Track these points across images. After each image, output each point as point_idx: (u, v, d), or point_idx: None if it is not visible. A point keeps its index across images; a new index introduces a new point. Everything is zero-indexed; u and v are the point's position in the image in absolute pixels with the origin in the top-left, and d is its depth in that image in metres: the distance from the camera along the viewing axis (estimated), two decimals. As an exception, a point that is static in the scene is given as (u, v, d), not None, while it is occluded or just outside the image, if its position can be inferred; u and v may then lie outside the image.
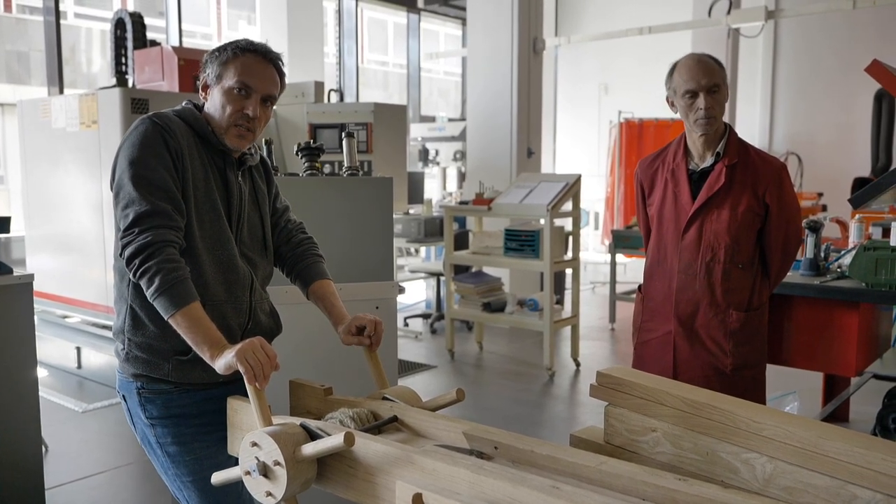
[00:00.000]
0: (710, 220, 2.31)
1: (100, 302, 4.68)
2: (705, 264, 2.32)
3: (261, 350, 1.51)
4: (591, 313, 7.22)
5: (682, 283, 2.35)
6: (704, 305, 2.33)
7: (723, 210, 2.29)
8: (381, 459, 1.37)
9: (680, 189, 2.36)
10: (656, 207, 2.42)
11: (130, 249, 1.56)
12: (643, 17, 9.60)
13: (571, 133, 12.62)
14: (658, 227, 2.42)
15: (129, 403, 1.74)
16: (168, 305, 1.54)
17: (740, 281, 2.32)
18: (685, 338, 2.36)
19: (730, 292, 2.32)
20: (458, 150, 9.40)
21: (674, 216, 2.37)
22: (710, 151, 2.34)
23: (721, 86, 2.27)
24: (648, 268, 2.49)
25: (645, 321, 2.50)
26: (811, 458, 1.26)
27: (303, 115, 5.32)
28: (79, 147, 4.71)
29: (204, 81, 1.74)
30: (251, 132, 1.72)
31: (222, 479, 1.59)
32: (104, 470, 3.54)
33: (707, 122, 2.27)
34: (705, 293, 2.32)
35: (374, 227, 2.70)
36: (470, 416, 4.12)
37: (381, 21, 13.24)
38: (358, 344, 1.81)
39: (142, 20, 5.21)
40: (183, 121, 1.71)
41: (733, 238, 2.29)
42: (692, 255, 2.33)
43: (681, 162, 2.37)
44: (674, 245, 2.37)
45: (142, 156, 1.61)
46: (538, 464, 1.35)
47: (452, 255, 5.56)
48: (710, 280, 2.32)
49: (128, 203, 1.59)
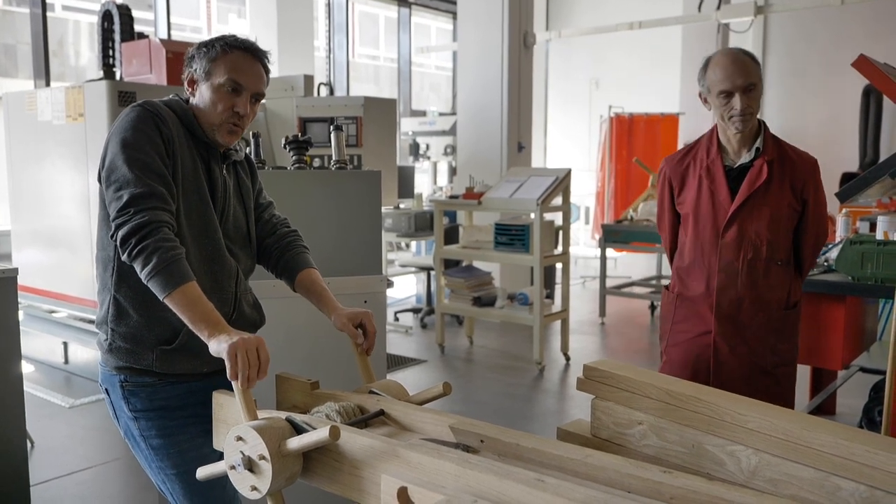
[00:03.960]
0: (751, 217, 2.26)
1: (87, 296, 4.65)
2: (747, 262, 2.27)
3: (255, 352, 1.48)
4: (582, 307, 7.23)
5: (722, 281, 2.30)
6: (747, 304, 2.28)
7: (764, 207, 2.25)
8: (367, 453, 1.36)
9: (717, 186, 2.29)
10: (690, 206, 2.36)
11: (125, 230, 1.53)
12: (634, 12, 9.60)
13: (562, 127, 12.63)
14: (694, 226, 2.35)
15: (112, 397, 1.73)
16: (165, 284, 1.51)
17: (780, 277, 2.30)
18: (726, 337, 2.31)
19: (771, 289, 2.29)
20: (448, 145, 9.39)
21: (711, 214, 2.30)
22: (747, 147, 2.29)
23: (757, 84, 2.22)
24: (682, 268, 2.41)
25: (677, 322, 2.41)
26: (795, 450, 1.27)
27: (292, 109, 5.29)
28: (65, 140, 4.67)
29: (191, 76, 1.73)
30: (240, 129, 1.74)
31: (207, 473, 1.58)
32: (90, 466, 3.52)
33: (743, 122, 2.22)
34: (748, 291, 2.28)
35: (363, 221, 2.69)
36: (460, 409, 4.12)
37: (373, 15, 13.20)
38: (353, 336, 1.79)
39: (129, 12, 5.17)
40: (172, 111, 1.70)
41: (774, 234, 2.26)
42: (733, 253, 2.28)
43: (716, 158, 2.31)
44: (712, 243, 2.31)
45: (136, 139, 1.59)
46: (524, 457, 1.35)
47: (442, 249, 5.56)
48: (753, 278, 2.27)
49: (122, 185, 1.56)
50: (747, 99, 2.20)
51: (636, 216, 6.80)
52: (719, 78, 2.21)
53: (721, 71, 2.21)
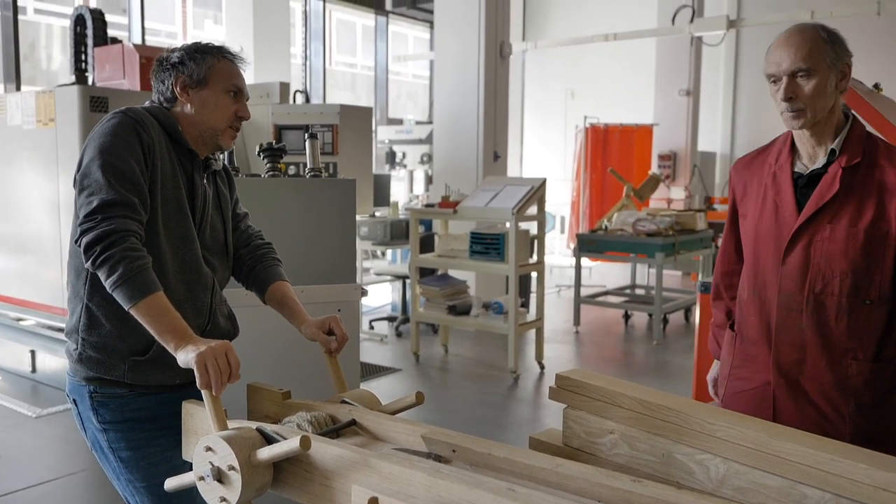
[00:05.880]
0: (820, 238, 1.76)
1: (56, 304, 4.57)
2: (814, 296, 1.77)
3: (224, 358, 1.47)
4: (557, 316, 7.26)
5: (782, 320, 1.81)
6: (813, 352, 1.78)
7: (838, 226, 1.75)
8: (338, 463, 1.35)
9: (782, 198, 1.82)
10: (751, 221, 1.89)
11: (90, 236, 1.50)
12: (609, 24, 9.72)
13: (539, 137, 12.72)
14: (754, 247, 1.88)
15: (80, 408, 1.70)
16: (130, 295, 1.49)
17: (866, 321, 1.75)
18: (788, 393, 1.81)
19: (850, 335, 1.76)
20: (425, 153, 9.40)
21: (774, 233, 1.82)
22: (824, 149, 1.80)
23: (814, 70, 1.71)
24: (742, 300, 1.93)
25: (736, 367, 1.94)
26: (763, 459, 1.28)
27: (268, 116, 5.27)
28: (35, 145, 4.60)
29: (183, 82, 1.71)
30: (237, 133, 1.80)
31: (175, 485, 1.56)
32: (57, 477, 3.45)
33: (793, 116, 1.75)
34: (814, 335, 1.77)
35: (337, 229, 2.69)
36: (434, 418, 4.11)
37: (350, 23, 13.20)
38: (324, 343, 1.79)
39: (102, 17, 5.11)
40: (154, 118, 1.68)
41: (852, 263, 1.74)
42: (796, 284, 1.79)
43: (785, 163, 1.85)
44: (773, 271, 1.82)
45: (113, 146, 1.58)
46: (496, 466, 1.35)
47: (418, 257, 5.55)
48: (822, 318, 1.77)
49: (94, 190, 1.54)
50: (795, 86, 1.73)
51: (611, 226, 6.86)
52: (768, 60, 1.78)
53: (773, 50, 1.77)
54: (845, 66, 1.76)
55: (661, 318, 6.32)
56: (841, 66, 1.75)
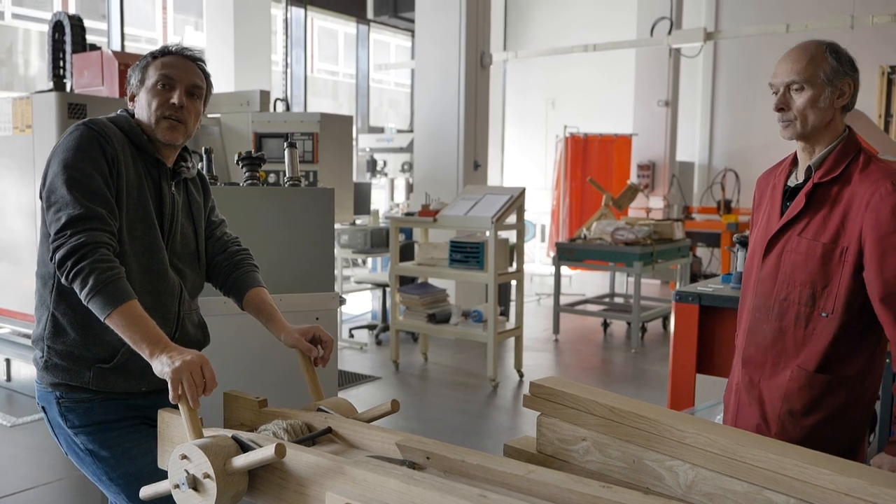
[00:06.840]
0: (789, 249, 1.86)
1: (31, 312, 4.51)
2: (779, 303, 1.86)
3: (199, 371, 1.47)
4: (536, 325, 7.30)
5: (753, 323, 1.93)
6: (772, 356, 1.88)
7: (803, 238, 1.82)
8: (313, 471, 1.36)
9: (773, 209, 1.93)
10: (753, 229, 2.03)
11: (62, 252, 1.52)
12: (589, 35, 9.82)
13: (520, 146, 12.79)
14: (750, 254, 2.01)
15: (49, 414, 1.70)
16: (105, 304, 1.49)
17: (820, 333, 1.81)
18: (748, 391, 1.93)
19: (803, 344, 1.83)
20: (406, 162, 9.43)
21: (760, 241, 1.94)
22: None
23: (807, 84, 1.77)
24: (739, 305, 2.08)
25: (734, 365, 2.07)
26: (730, 465, 1.31)
27: (248, 124, 5.26)
28: (11, 152, 4.55)
29: (131, 92, 1.75)
30: (182, 123, 1.71)
31: (151, 493, 1.56)
32: (33, 486, 3.41)
33: (783, 126, 1.84)
34: (774, 340, 1.87)
35: (316, 238, 2.69)
36: (413, 426, 4.12)
37: (332, 31, 13.21)
38: (306, 351, 1.78)
39: (81, 23, 5.08)
40: (118, 128, 1.69)
41: (810, 274, 1.80)
42: (767, 290, 1.89)
43: (782, 175, 1.95)
44: (755, 275, 1.94)
45: (76, 160, 1.59)
46: (469, 473, 1.37)
47: (398, 266, 5.57)
48: (783, 324, 1.86)
49: (61, 207, 1.56)
50: (787, 98, 1.81)
51: (590, 235, 6.92)
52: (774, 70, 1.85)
53: (777, 63, 1.84)
54: (845, 84, 1.80)
55: (639, 327, 6.38)
56: (840, 83, 1.79)
